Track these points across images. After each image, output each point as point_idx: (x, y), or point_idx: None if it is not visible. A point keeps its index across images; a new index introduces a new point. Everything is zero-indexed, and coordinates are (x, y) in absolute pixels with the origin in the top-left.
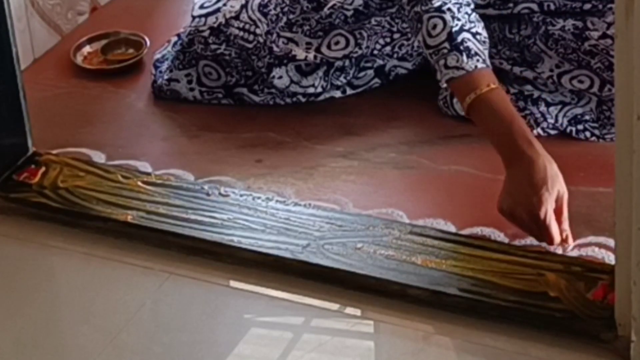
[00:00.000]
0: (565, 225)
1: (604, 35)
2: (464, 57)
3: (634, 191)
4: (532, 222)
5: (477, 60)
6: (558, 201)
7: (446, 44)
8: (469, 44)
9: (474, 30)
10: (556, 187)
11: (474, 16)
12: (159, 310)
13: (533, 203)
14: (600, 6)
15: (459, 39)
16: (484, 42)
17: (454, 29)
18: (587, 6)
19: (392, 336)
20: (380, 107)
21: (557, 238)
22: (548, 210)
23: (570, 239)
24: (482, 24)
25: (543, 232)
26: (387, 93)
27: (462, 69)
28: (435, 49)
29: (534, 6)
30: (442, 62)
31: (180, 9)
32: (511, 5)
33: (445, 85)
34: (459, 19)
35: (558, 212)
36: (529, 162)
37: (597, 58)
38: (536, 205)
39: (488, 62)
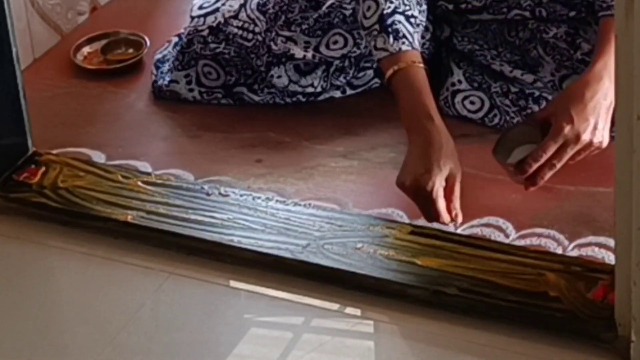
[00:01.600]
0: (456, 204)
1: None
2: (391, 39)
3: (634, 191)
4: (420, 195)
5: (403, 43)
6: (449, 180)
7: (377, 26)
8: (399, 26)
9: (408, 12)
10: (448, 165)
11: None
12: (159, 310)
13: (422, 176)
14: (584, 14)
15: (389, 21)
16: (418, 24)
17: (385, 12)
18: (573, 13)
19: (392, 336)
20: (380, 107)
21: (444, 215)
22: (435, 184)
23: (459, 218)
24: (423, 7)
25: (430, 207)
26: (387, 93)
27: (387, 50)
28: (368, 30)
29: (526, 13)
30: (372, 43)
31: (180, 9)
32: (505, 10)
33: (376, 64)
34: (392, 2)
35: (449, 191)
36: (426, 137)
37: None
38: (425, 178)
39: (416, 44)
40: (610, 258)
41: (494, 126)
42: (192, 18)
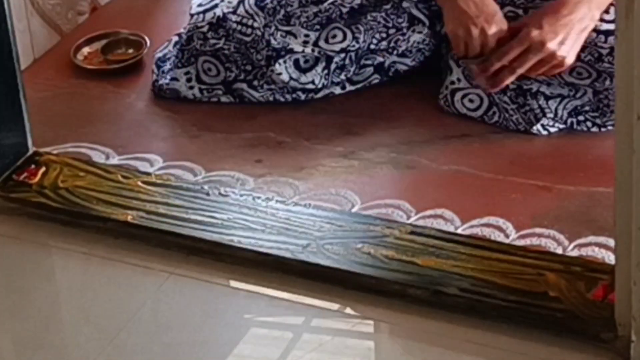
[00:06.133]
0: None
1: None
2: None
3: (634, 191)
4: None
5: None
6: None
7: None
8: None
9: None
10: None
11: None
12: (159, 310)
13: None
14: None
15: None
16: None
17: None
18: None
19: (392, 336)
20: (380, 107)
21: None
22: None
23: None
24: None
25: (485, 45)
26: (387, 93)
27: None
28: None
29: (519, 10)
30: None
31: (180, 9)
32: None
33: None
34: None
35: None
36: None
37: (586, 51)
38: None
39: None
40: (610, 258)
41: (494, 124)
42: (192, 15)
